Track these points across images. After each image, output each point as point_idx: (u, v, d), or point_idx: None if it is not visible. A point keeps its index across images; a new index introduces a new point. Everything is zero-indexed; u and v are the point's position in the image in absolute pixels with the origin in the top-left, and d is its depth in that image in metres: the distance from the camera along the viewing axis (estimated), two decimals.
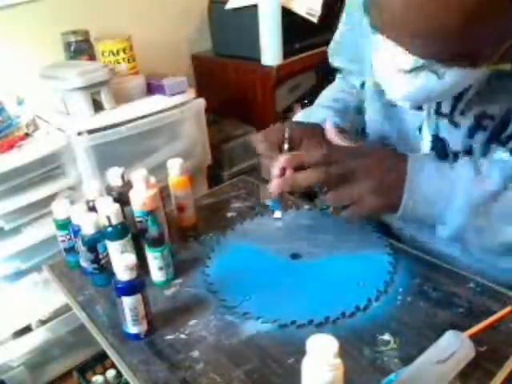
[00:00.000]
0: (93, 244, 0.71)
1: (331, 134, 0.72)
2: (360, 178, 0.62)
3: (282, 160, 0.65)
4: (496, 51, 0.52)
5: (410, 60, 0.54)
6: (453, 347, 0.53)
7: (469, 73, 0.54)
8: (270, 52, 1.62)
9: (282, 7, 1.57)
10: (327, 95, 0.93)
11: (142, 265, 0.69)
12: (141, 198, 0.74)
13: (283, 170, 0.65)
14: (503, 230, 0.60)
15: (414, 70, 0.55)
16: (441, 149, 0.70)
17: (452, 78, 0.55)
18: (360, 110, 0.86)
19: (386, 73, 0.60)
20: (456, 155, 0.68)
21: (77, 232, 0.73)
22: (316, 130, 0.75)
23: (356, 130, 0.85)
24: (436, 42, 0.51)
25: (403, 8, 0.49)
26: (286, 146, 0.70)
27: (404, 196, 0.61)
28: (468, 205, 0.60)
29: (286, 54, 1.65)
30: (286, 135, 0.70)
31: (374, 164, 0.63)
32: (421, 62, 0.54)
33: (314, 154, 0.64)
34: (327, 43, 0.91)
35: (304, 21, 1.62)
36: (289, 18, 1.60)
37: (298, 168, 0.64)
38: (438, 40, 0.50)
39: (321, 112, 0.84)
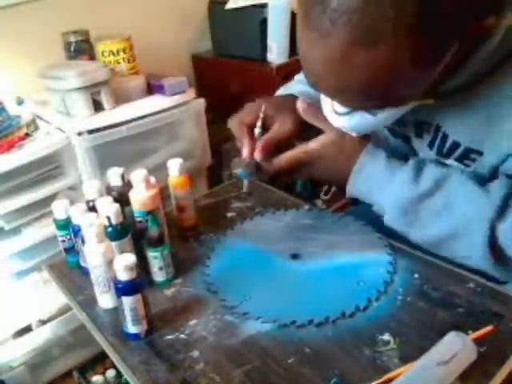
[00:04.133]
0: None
1: (302, 113, 0.74)
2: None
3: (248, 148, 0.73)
4: (419, 93, 0.57)
5: (339, 105, 0.62)
6: (455, 349, 0.53)
7: (398, 109, 0.61)
8: (277, 50, 1.63)
9: None
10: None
11: (141, 265, 0.69)
12: (141, 197, 0.74)
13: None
14: (428, 225, 0.67)
15: (348, 112, 0.63)
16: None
17: (383, 114, 0.62)
18: None
19: (325, 110, 0.68)
20: None
21: (77, 232, 0.73)
22: (287, 104, 0.76)
23: None
24: (358, 99, 0.57)
25: (322, 72, 0.54)
26: (258, 125, 0.74)
27: (350, 181, 0.71)
28: (396, 202, 0.68)
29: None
30: (261, 115, 0.74)
31: (332, 164, 0.72)
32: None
33: (272, 164, 0.73)
34: None
35: None
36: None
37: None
38: (360, 98, 0.56)
39: (298, 86, 0.89)
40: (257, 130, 0.74)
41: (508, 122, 0.59)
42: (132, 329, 0.64)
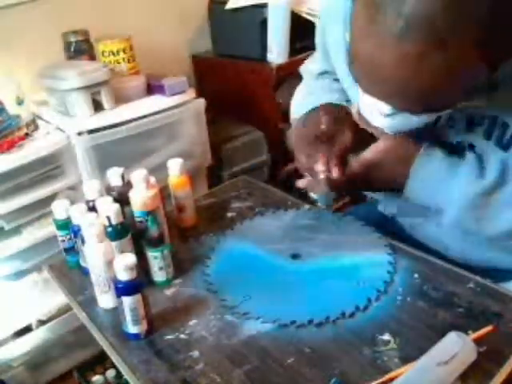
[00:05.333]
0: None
1: (359, 119, 0.72)
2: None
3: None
4: (465, 99, 0.57)
5: (387, 107, 0.60)
6: (455, 349, 0.53)
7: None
8: (277, 50, 1.63)
9: None
10: (313, 86, 0.93)
11: (141, 265, 0.69)
12: (141, 197, 0.74)
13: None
14: (502, 218, 0.64)
15: (393, 113, 0.61)
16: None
17: (428, 115, 0.61)
18: None
19: (366, 109, 0.66)
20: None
21: (77, 232, 0.73)
22: (338, 114, 0.76)
23: None
24: (409, 102, 0.56)
25: (390, 73, 0.53)
26: (324, 140, 0.73)
27: (407, 185, 0.68)
28: (464, 198, 0.64)
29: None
30: (324, 128, 0.73)
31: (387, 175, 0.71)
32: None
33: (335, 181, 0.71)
34: None
35: (304, 21, 1.62)
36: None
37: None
38: (411, 101, 0.56)
39: (328, 96, 0.84)
40: (326, 146, 0.72)
41: None
42: (132, 329, 0.64)
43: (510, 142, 0.65)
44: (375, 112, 0.64)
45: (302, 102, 0.88)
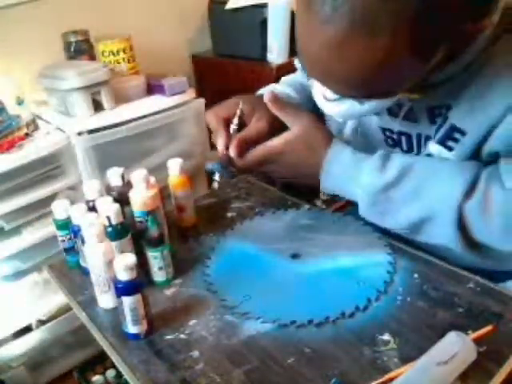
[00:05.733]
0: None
1: (269, 105, 0.75)
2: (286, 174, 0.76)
3: (222, 141, 0.74)
4: (408, 86, 0.59)
5: (330, 92, 0.63)
6: (455, 348, 0.53)
7: (385, 100, 0.63)
8: (277, 50, 1.63)
9: None
10: (291, 77, 0.99)
11: (141, 265, 0.69)
12: (141, 197, 0.74)
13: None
14: (403, 212, 0.67)
15: (338, 99, 0.65)
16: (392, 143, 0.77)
17: (371, 103, 0.63)
18: None
19: (316, 96, 0.70)
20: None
21: (77, 232, 0.73)
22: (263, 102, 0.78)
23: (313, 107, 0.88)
24: (350, 87, 0.58)
25: (318, 57, 0.55)
26: (235, 122, 0.75)
27: (321, 180, 0.72)
28: (366, 193, 0.68)
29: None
30: (238, 112, 0.75)
31: (297, 161, 0.72)
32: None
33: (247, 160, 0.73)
34: None
35: None
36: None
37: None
38: (352, 86, 0.57)
39: (279, 86, 0.92)
40: (232, 127, 0.75)
41: (493, 99, 0.60)
42: (132, 329, 0.64)
43: (436, 131, 0.68)
44: (322, 98, 0.67)
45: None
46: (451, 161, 0.67)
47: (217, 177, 0.77)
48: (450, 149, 0.67)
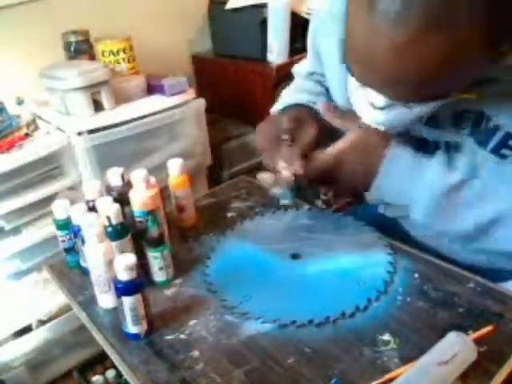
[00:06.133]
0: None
1: (324, 114, 0.74)
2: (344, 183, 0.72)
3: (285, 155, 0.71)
4: (468, 84, 0.56)
5: (381, 99, 0.59)
6: (455, 348, 0.53)
7: (433, 103, 0.59)
8: (277, 50, 1.63)
9: None
10: (306, 85, 0.94)
11: (141, 265, 0.69)
12: (141, 198, 0.74)
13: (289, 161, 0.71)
14: (465, 217, 0.64)
15: (387, 107, 0.60)
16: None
17: (421, 109, 0.60)
18: None
19: (359, 104, 0.65)
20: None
21: (77, 232, 0.73)
22: (303, 113, 0.77)
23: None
24: (405, 91, 0.55)
25: (384, 60, 0.52)
26: (286, 137, 0.73)
27: (376, 180, 0.67)
28: (430, 196, 0.65)
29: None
30: (286, 126, 0.73)
31: (356, 168, 0.69)
32: (392, 101, 0.59)
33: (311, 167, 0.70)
34: None
35: (304, 21, 1.62)
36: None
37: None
38: (409, 89, 0.54)
39: (300, 96, 0.87)
40: (287, 143, 0.72)
41: None
42: (132, 329, 0.64)
43: (488, 138, 0.64)
44: (367, 106, 0.63)
45: (280, 102, 0.89)
46: None
47: (287, 201, 0.75)
48: (504, 157, 0.64)
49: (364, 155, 0.68)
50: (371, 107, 0.62)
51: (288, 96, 0.91)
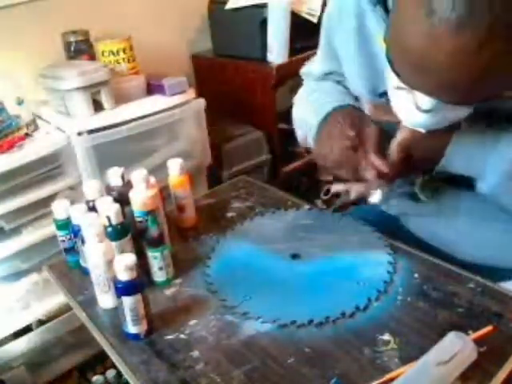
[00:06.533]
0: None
1: (373, 112, 0.73)
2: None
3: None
4: None
5: (428, 102, 0.57)
6: (455, 348, 0.53)
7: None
8: (277, 50, 1.63)
9: None
10: (332, 87, 0.90)
11: (141, 265, 0.69)
12: (141, 198, 0.74)
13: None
14: None
15: (433, 109, 0.58)
16: None
17: (465, 110, 0.59)
18: None
19: (400, 105, 0.63)
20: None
21: (77, 232, 0.73)
22: (356, 115, 0.75)
23: None
24: (462, 94, 0.53)
25: (443, 65, 0.50)
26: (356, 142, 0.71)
27: (448, 150, 0.65)
28: (503, 165, 0.62)
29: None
30: (352, 134, 0.71)
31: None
32: (440, 104, 0.56)
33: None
34: None
35: (304, 21, 1.62)
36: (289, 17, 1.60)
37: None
38: (465, 93, 0.53)
39: (341, 97, 0.82)
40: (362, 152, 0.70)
41: None
42: (132, 329, 0.63)
43: None
44: (411, 108, 0.61)
45: (308, 109, 0.85)
46: None
47: (377, 199, 0.74)
48: None
49: (434, 133, 0.65)
50: (415, 109, 0.60)
51: (318, 102, 0.85)
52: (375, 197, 0.74)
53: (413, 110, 0.60)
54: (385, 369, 0.56)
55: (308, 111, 0.84)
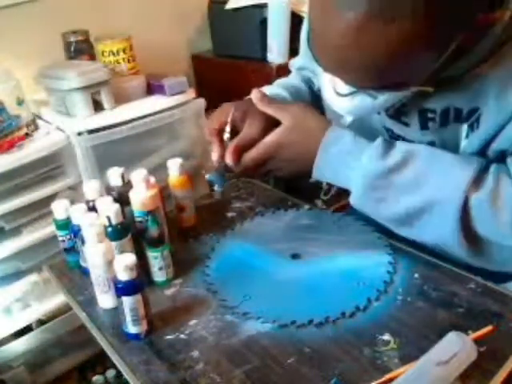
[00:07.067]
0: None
1: (256, 102, 0.74)
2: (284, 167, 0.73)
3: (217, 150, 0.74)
4: (422, 77, 0.58)
5: (344, 86, 0.63)
6: (455, 348, 0.53)
7: (396, 94, 0.62)
8: (277, 50, 1.64)
9: None
10: (284, 80, 0.97)
11: (141, 265, 0.69)
12: (141, 198, 0.74)
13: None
14: (399, 200, 0.66)
15: (350, 94, 0.64)
16: None
17: (384, 96, 0.63)
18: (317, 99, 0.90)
19: (326, 93, 0.69)
20: None
21: (77, 232, 0.73)
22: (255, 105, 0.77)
23: None
24: (364, 76, 0.56)
25: (334, 44, 0.54)
26: (227, 130, 0.74)
27: (316, 162, 0.69)
28: (365, 177, 0.66)
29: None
30: (229, 119, 0.74)
31: (295, 151, 0.71)
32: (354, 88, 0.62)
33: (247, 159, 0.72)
34: None
35: (304, 20, 1.62)
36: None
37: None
38: (370, 75, 0.56)
39: (271, 88, 0.90)
40: (225, 135, 0.74)
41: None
42: (132, 329, 0.64)
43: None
44: (333, 93, 0.66)
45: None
46: (455, 153, 0.66)
47: (216, 187, 0.77)
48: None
49: (303, 139, 0.70)
50: (336, 94, 0.65)
51: (269, 87, 0.93)
52: (216, 182, 0.77)
53: (334, 96, 0.66)
54: (385, 369, 0.56)
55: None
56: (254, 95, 0.74)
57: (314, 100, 0.92)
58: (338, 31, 0.52)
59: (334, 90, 0.66)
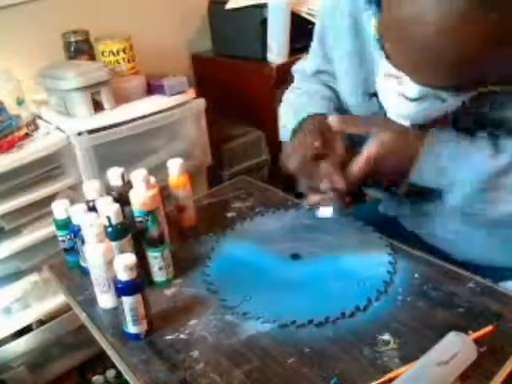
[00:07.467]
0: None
1: (337, 126, 0.71)
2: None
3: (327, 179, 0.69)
4: (498, 77, 0.56)
5: (415, 89, 0.58)
6: (455, 348, 0.53)
7: (463, 95, 0.59)
8: (277, 50, 1.64)
9: None
10: (311, 88, 0.90)
11: (141, 265, 0.69)
12: (141, 198, 0.74)
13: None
14: (509, 200, 0.62)
15: (419, 98, 0.59)
16: None
17: (455, 98, 0.59)
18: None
19: (388, 95, 0.64)
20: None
21: (77, 232, 0.73)
22: (327, 125, 0.73)
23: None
24: (446, 72, 0.54)
25: (429, 42, 0.51)
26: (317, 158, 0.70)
27: (417, 165, 0.65)
28: (477, 178, 0.62)
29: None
30: (317, 145, 0.70)
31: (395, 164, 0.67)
32: (426, 91, 0.58)
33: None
34: None
35: (304, 21, 1.62)
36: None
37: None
38: (448, 71, 0.53)
39: (320, 104, 0.83)
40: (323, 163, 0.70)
41: None
42: (132, 329, 0.64)
43: None
44: (397, 97, 0.62)
45: (288, 112, 0.85)
46: None
47: (329, 214, 0.73)
48: None
49: (403, 147, 0.66)
50: (402, 98, 0.61)
51: (299, 103, 0.85)
52: (327, 210, 0.72)
53: (399, 100, 0.62)
54: (385, 369, 0.56)
55: (288, 112, 0.84)
56: (333, 119, 0.70)
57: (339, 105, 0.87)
58: (439, 25, 0.49)
59: (402, 94, 0.61)
